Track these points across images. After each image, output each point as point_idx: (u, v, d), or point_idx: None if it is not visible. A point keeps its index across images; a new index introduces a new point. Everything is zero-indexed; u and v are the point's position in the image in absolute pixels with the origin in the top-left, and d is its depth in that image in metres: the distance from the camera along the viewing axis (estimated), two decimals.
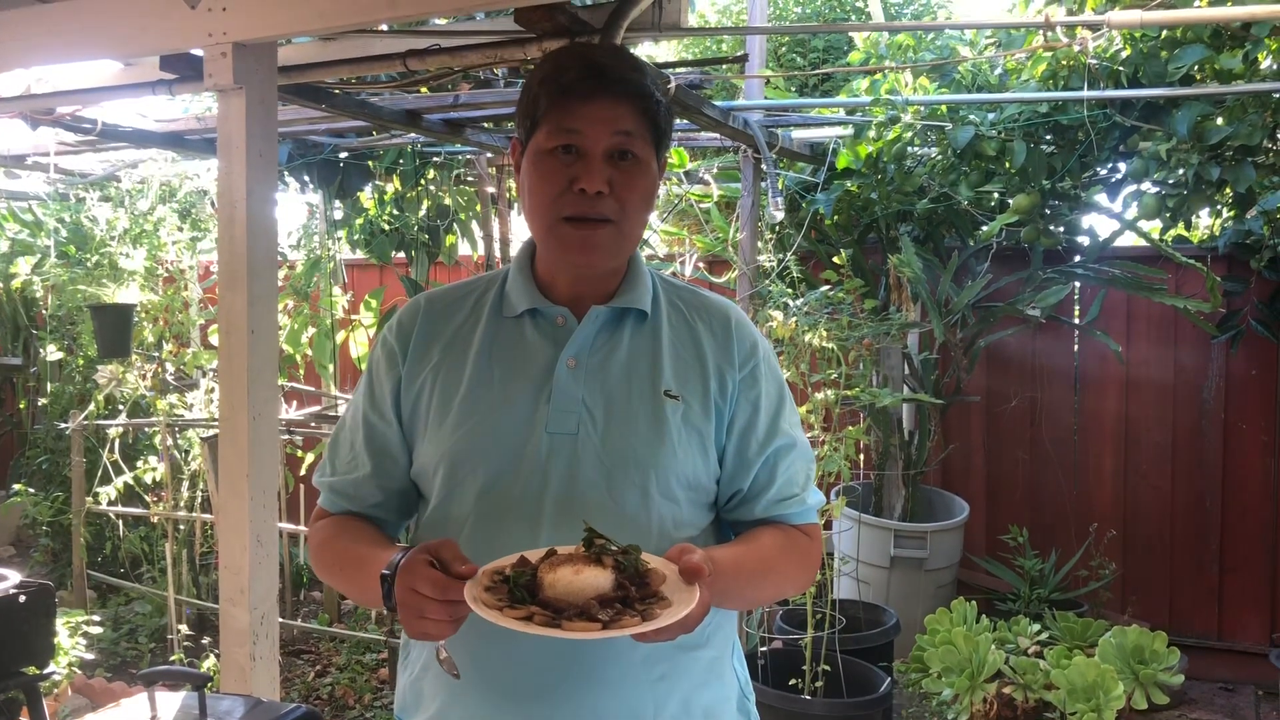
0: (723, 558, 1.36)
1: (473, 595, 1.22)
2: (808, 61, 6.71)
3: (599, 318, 1.48)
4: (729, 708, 1.55)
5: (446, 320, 1.54)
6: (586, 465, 1.41)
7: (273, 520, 2.66)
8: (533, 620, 1.18)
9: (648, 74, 1.44)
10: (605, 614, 1.19)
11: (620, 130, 1.40)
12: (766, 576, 1.49)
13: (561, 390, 1.44)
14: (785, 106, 4.96)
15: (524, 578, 1.25)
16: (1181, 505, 5.30)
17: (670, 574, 1.26)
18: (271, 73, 2.62)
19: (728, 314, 1.56)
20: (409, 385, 1.51)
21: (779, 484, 1.52)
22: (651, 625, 1.18)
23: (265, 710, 1.97)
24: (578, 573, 1.22)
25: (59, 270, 5.71)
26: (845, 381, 4.15)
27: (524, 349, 1.49)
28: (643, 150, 1.44)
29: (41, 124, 4.23)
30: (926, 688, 4.08)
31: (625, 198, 1.42)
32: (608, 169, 1.41)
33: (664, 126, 1.48)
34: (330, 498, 1.59)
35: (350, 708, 4.56)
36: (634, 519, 1.41)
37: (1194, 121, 3.97)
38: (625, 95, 1.41)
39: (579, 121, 1.40)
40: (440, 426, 1.46)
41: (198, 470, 5.29)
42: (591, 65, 1.41)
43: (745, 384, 1.51)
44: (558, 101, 1.40)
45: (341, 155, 5.32)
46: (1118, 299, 5.29)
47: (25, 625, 3.07)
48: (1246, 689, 4.92)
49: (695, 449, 1.46)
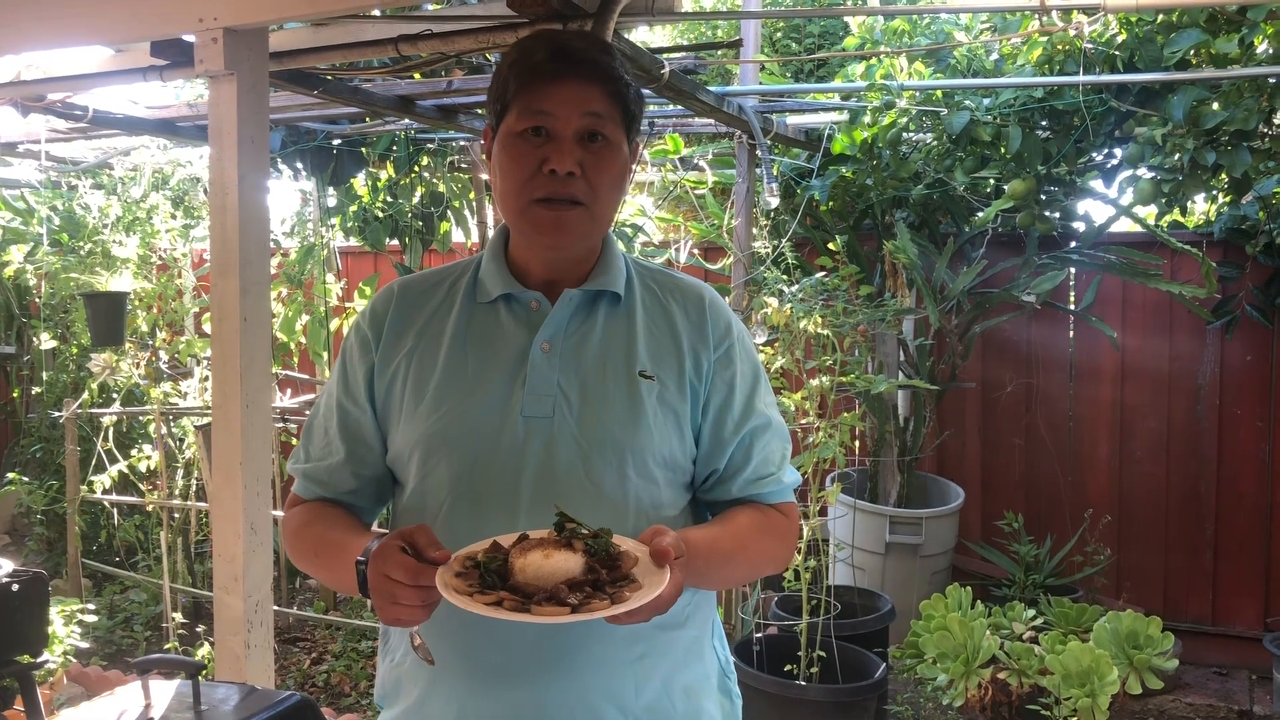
0: (697, 538, 1.37)
1: (443, 581, 1.22)
2: (803, 47, 6.69)
3: (573, 301, 1.48)
4: (709, 686, 1.56)
5: (420, 306, 1.54)
6: (563, 448, 1.41)
7: (266, 508, 2.65)
8: (502, 605, 1.18)
9: (616, 57, 1.45)
10: (575, 598, 1.19)
11: (590, 111, 1.40)
12: (742, 556, 1.50)
13: (536, 374, 1.44)
14: (780, 92, 4.94)
15: (495, 563, 1.25)
16: (1176, 491, 5.31)
17: (642, 556, 1.27)
18: (263, 58, 2.60)
19: (701, 295, 1.56)
20: (382, 371, 1.51)
21: (755, 463, 1.52)
22: (620, 608, 1.18)
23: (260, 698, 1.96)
24: (548, 557, 1.23)
25: (52, 258, 5.69)
26: (840, 368, 4.14)
27: (498, 334, 1.49)
28: (613, 132, 1.43)
29: (32, 111, 4.21)
30: (921, 673, 4.09)
31: (596, 181, 1.42)
32: (578, 150, 1.40)
33: (634, 110, 1.47)
34: (305, 484, 1.59)
35: (346, 695, 4.56)
36: (612, 501, 1.41)
37: (1189, 106, 3.96)
38: (594, 77, 1.41)
39: (548, 103, 1.40)
40: (415, 412, 1.46)
41: (192, 458, 5.28)
42: (560, 48, 1.41)
43: (720, 364, 1.51)
44: (527, 84, 1.40)
45: (334, 142, 5.30)
46: (1113, 285, 5.29)
47: (19, 614, 3.06)
48: (1241, 673, 4.94)
49: (671, 429, 1.46)
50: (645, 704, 1.44)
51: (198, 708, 1.89)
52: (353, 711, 4.29)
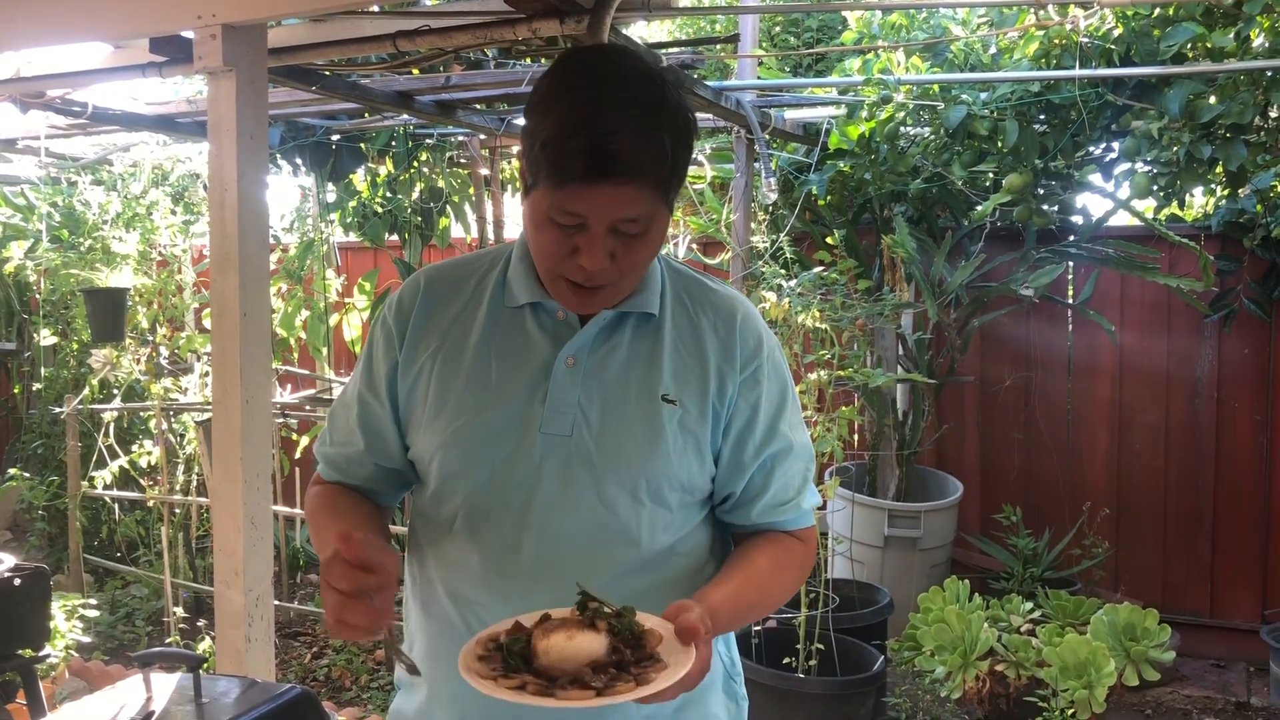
0: (719, 601, 1.34)
1: (467, 665, 1.20)
2: (801, 41, 6.69)
3: (604, 318, 1.44)
4: (714, 687, 1.56)
5: (447, 303, 1.51)
6: (579, 469, 1.40)
7: (267, 503, 2.66)
8: (526, 689, 1.17)
9: (662, 140, 1.29)
10: (599, 680, 1.17)
11: (626, 218, 1.30)
12: (763, 601, 1.48)
13: (558, 390, 1.42)
14: (778, 86, 4.95)
15: (518, 645, 1.23)
16: (1174, 484, 5.32)
17: (666, 634, 1.24)
18: (261, 55, 2.61)
19: (734, 311, 1.50)
20: (406, 370, 1.49)
21: (774, 489, 1.50)
22: (646, 690, 1.16)
23: (260, 691, 1.97)
24: (571, 638, 1.20)
25: (52, 254, 5.70)
26: (839, 362, 4.15)
27: (524, 343, 1.46)
28: (651, 216, 1.33)
29: (32, 107, 4.21)
30: (920, 665, 4.10)
31: (627, 266, 1.36)
32: (610, 241, 1.32)
33: (681, 174, 1.36)
34: (325, 468, 1.59)
35: (347, 689, 4.58)
36: (624, 523, 1.41)
37: (1186, 100, 3.96)
38: (634, 179, 1.28)
39: (581, 206, 1.29)
40: (436, 419, 1.45)
41: (193, 454, 5.30)
42: (598, 146, 1.25)
43: (746, 386, 1.47)
44: (559, 182, 1.28)
45: (333, 138, 5.31)
46: (1111, 279, 5.29)
47: (20, 608, 3.08)
48: (1238, 665, 4.95)
49: (691, 454, 1.44)
50: (647, 714, 1.45)
51: (199, 701, 1.90)
52: (353, 705, 4.31)
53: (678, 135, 1.32)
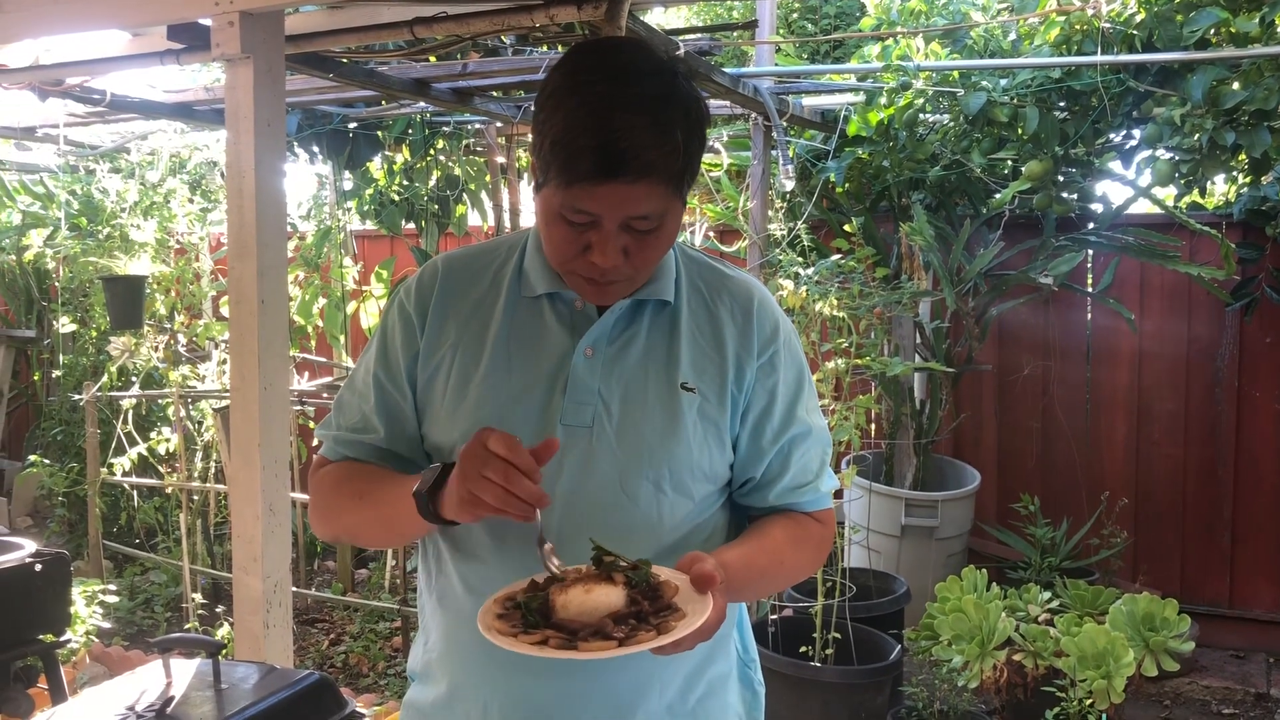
0: (733, 559, 1.35)
1: (486, 624, 1.21)
2: (819, 27, 6.65)
3: (621, 307, 1.44)
4: (731, 677, 1.56)
5: (465, 292, 1.49)
6: (601, 460, 1.40)
7: (285, 490, 2.68)
8: (548, 644, 1.18)
9: (674, 134, 1.28)
10: (620, 631, 1.18)
11: (637, 215, 1.30)
12: (777, 570, 1.49)
13: (577, 380, 1.41)
14: (796, 73, 4.92)
15: (536, 601, 1.24)
16: (1193, 473, 5.29)
17: (682, 584, 1.25)
18: (279, 42, 2.61)
19: (750, 296, 1.50)
20: (427, 359, 1.47)
21: (792, 473, 1.50)
22: (668, 638, 1.17)
23: (278, 677, 1.98)
24: (589, 592, 1.21)
25: (71, 242, 5.72)
26: (856, 350, 4.14)
27: (542, 334, 1.45)
28: (664, 211, 1.32)
29: (50, 95, 4.22)
30: (936, 655, 4.09)
31: (640, 261, 1.35)
32: (623, 237, 1.31)
33: (694, 166, 1.34)
34: (334, 447, 1.55)
35: (364, 675, 4.60)
36: (645, 513, 1.40)
37: (1209, 86, 3.92)
38: (644, 176, 1.27)
39: (591, 204, 1.28)
40: (456, 410, 1.44)
41: (211, 441, 5.33)
42: (607, 143, 1.24)
43: (763, 371, 1.47)
44: (568, 181, 1.27)
45: (350, 125, 5.30)
46: (1131, 267, 5.25)
47: (42, 594, 3.11)
48: (1258, 656, 4.93)
49: (712, 441, 1.44)
50: (668, 703, 1.45)
51: (218, 686, 1.91)
52: (370, 692, 4.33)
53: (690, 128, 1.30)
